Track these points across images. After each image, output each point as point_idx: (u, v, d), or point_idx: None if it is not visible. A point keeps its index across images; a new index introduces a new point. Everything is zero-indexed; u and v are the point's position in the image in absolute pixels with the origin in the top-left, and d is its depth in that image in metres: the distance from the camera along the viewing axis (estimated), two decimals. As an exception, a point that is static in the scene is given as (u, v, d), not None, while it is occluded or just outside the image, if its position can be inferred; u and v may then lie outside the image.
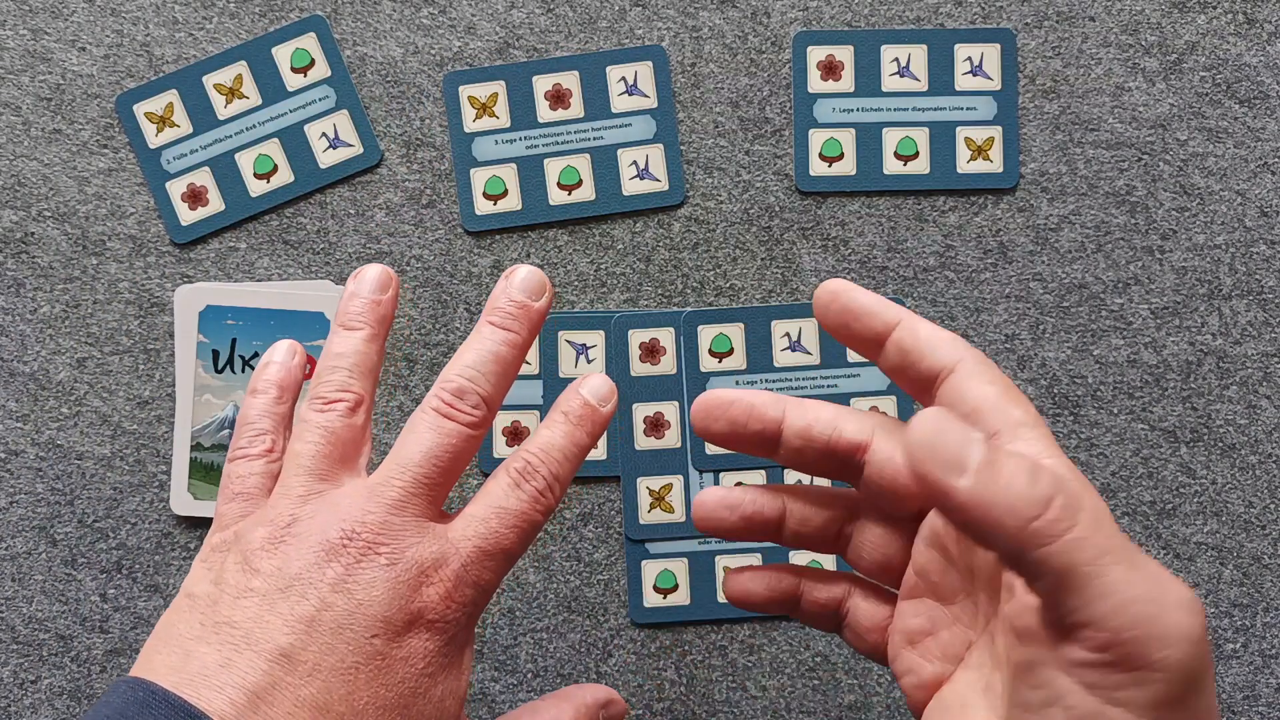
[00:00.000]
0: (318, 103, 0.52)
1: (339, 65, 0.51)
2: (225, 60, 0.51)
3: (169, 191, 0.51)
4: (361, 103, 0.52)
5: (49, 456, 0.51)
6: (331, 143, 0.52)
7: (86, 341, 0.51)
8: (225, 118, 0.52)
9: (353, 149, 0.52)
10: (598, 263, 0.52)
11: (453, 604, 0.34)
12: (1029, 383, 0.51)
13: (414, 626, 0.33)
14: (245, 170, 0.51)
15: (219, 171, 0.51)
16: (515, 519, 0.35)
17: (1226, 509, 0.51)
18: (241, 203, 0.51)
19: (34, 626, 0.51)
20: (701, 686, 0.51)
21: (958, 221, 0.52)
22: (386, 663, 0.33)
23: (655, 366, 0.51)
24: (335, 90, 0.52)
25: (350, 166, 0.51)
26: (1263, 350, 0.51)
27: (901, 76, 0.52)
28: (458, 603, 0.34)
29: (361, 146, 0.52)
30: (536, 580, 0.51)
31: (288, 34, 0.51)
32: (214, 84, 0.51)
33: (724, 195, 0.52)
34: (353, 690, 0.32)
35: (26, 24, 0.51)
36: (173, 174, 0.51)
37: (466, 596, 0.34)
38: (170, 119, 0.51)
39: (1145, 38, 0.52)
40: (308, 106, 0.52)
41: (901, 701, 0.51)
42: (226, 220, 0.51)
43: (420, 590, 0.33)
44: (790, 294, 0.52)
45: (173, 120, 0.51)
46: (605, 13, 0.52)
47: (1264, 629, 0.51)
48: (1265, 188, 0.51)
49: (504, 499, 0.35)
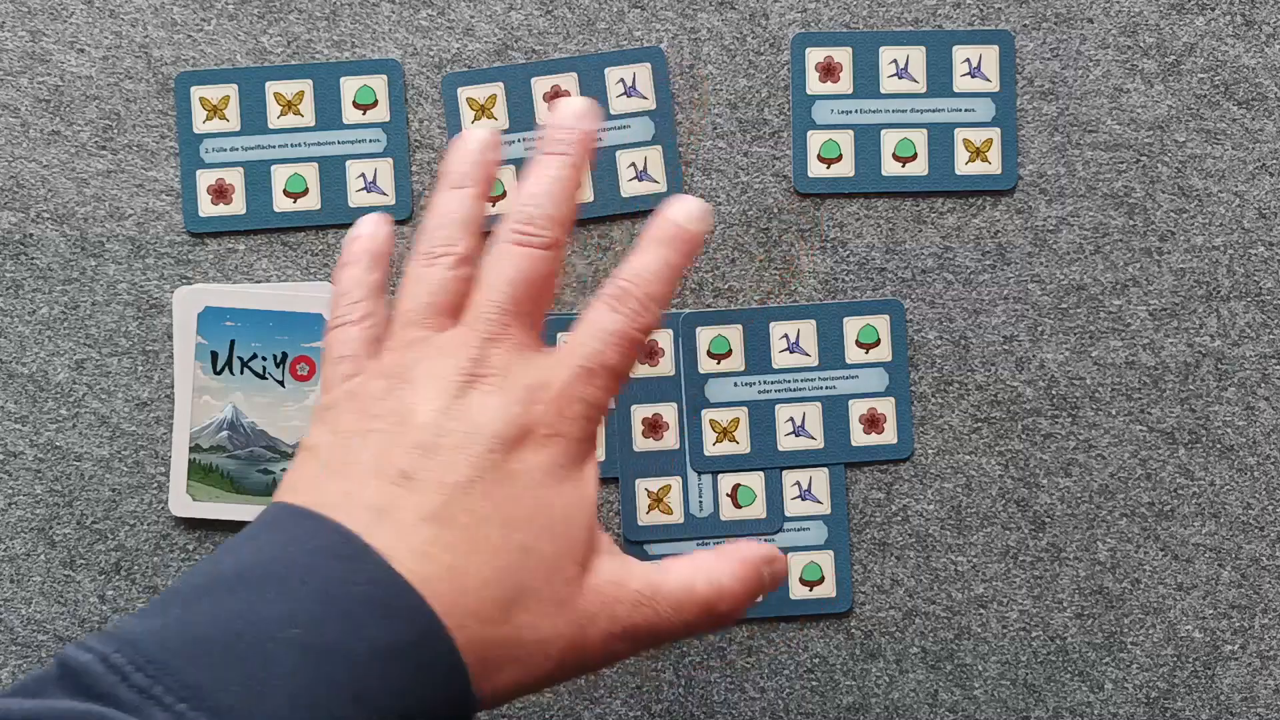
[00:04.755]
0: (367, 143, 0.51)
1: (400, 113, 0.51)
2: (291, 73, 0.51)
3: (197, 179, 0.51)
4: (408, 161, 0.51)
5: (47, 458, 0.51)
6: (367, 185, 0.51)
7: (85, 343, 0.51)
8: (275, 128, 0.51)
9: (385, 198, 0.51)
10: (596, 264, 0.52)
11: (563, 418, 0.35)
12: (1027, 384, 0.51)
13: (527, 441, 0.34)
14: (277, 184, 0.51)
15: (251, 176, 0.51)
16: (614, 337, 0.36)
17: (1225, 511, 0.51)
18: (263, 213, 0.51)
19: (33, 628, 0.51)
20: (700, 688, 0.51)
21: (956, 223, 0.52)
22: (503, 475, 0.34)
23: (653, 368, 0.51)
24: (388, 136, 0.51)
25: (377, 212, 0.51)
26: (1261, 352, 0.51)
27: (900, 78, 0.52)
28: (568, 417, 0.35)
29: (395, 198, 0.51)
30: (535, 582, 0.51)
31: (361, 69, 0.51)
32: (275, 91, 0.51)
33: (722, 197, 0.52)
34: (473, 502, 0.33)
35: (25, 25, 0.51)
36: (207, 164, 0.51)
37: (576, 410, 0.35)
38: (222, 111, 0.51)
39: (1143, 39, 0.52)
40: (356, 144, 0.51)
41: (901, 703, 0.51)
42: (242, 225, 0.51)
43: (529, 408, 0.35)
44: (789, 296, 0.52)
45: (224, 113, 0.51)
46: (604, 14, 0.52)
47: (1262, 630, 0.51)
48: (1263, 189, 0.51)
49: (601, 320, 0.36)
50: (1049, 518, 0.51)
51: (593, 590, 0.34)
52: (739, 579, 0.37)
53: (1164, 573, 0.51)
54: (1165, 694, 0.51)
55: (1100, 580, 0.51)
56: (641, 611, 0.35)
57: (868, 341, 0.51)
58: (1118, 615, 0.51)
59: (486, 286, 0.36)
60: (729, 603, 0.36)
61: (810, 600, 0.51)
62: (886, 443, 0.51)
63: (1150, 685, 0.51)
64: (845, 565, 0.51)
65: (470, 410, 0.34)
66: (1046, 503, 0.51)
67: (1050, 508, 0.51)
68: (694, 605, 0.36)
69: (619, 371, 0.36)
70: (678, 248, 0.38)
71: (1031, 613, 0.51)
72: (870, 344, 0.51)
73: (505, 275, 0.36)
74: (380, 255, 0.40)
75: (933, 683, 0.51)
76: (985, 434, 0.51)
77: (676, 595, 0.36)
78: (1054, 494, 0.51)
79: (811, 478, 0.51)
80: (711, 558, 0.37)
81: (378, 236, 0.40)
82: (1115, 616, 0.51)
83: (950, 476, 0.51)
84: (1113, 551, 0.51)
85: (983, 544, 0.51)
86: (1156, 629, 0.51)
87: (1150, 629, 0.51)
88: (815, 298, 0.52)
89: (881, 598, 0.51)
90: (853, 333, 0.51)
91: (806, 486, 0.51)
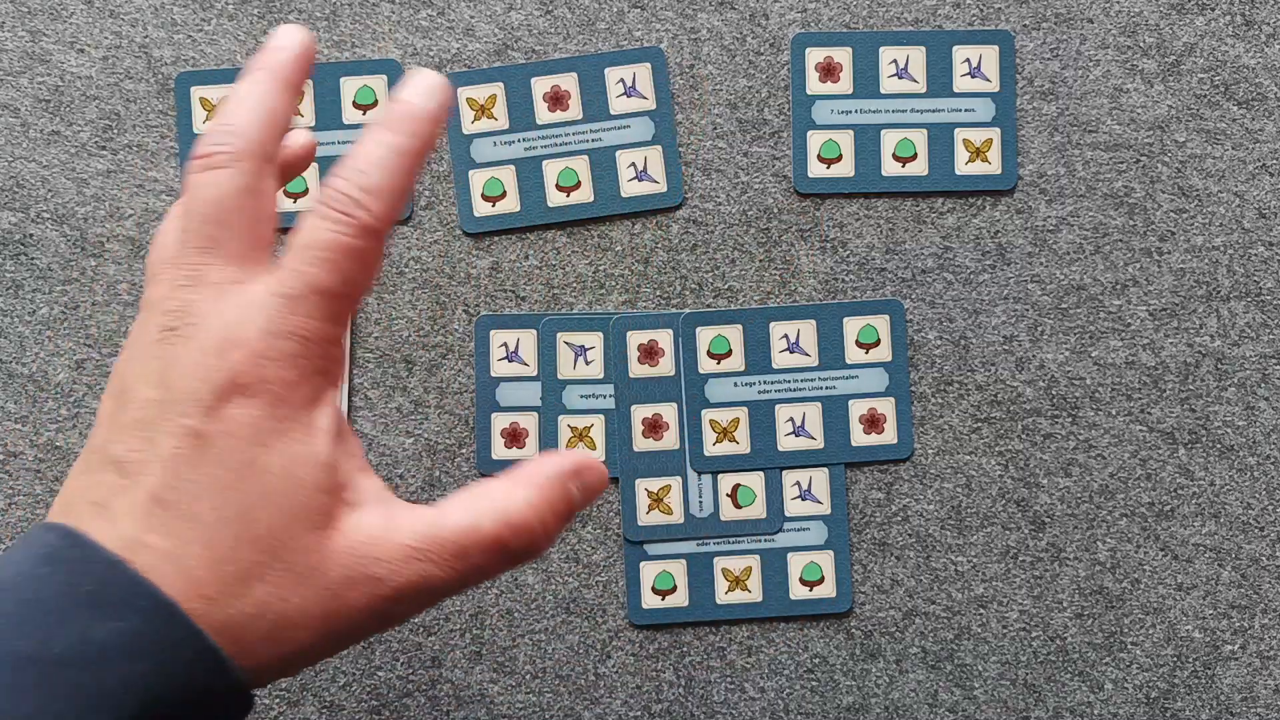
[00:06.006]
0: None
1: None
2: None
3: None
4: None
5: (47, 458, 0.51)
6: None
7: (85, 343, 0.51)
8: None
9: None
10: (596, 264, 0.52)
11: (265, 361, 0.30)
12: (1027, 384, 0.51)
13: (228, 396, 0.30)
14: None
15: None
16: (322, 250, 0.30)
17: (1224, 510, 0.51)
18: None
19: (33, 628, 0.51)
20: (700, 688, 0.51)
21: (956, 223, 0.52)
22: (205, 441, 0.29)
23: (654, 368, 0.51)
24: None
25: None
26: (1261, 352, 0.51)
27: (900, 78, 0.52)
28: (272, 359, 0.30)
29: None
30: (535, 582, 0.51)
31: (361, 69, 0.51)
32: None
33: (722, 197, 0.52)
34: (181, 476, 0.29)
35: (25, 25, 0.51)
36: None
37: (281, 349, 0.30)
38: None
39: (1143, 39, 0.52)
40: None
41: (901, 703, 0.51)
42: None
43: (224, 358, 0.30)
44: (788, 296, 0.52)
45: None
46: (604, 14, 0.52)
47: (1262, 630, 0.51)
48: (1263, 189, 0.51)
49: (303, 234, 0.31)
50: (1049, 518, 0.51)
51: (343, 552, 0.30)
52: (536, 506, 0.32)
53: (1164, 573, 0.51)
54: (1165, 694, 0.51)
55: (1100, 580, 0.51)
56: (415, 567, 0.30)
57: (868, 341, 0.51)
58: (1118, 615, 0.51)
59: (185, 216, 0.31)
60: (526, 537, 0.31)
61: (810, 600, 0.51)
62: (886, 443, 0.51)
63: (1150, 685, 0.51)
64: (845, 565, 0.51)
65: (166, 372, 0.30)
66: (1046, 503, 0.51)
67: (1050, 508, 0.51)
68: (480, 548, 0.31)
69: (336, 291, 0.31)
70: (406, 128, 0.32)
71: (1031, 613, 0.51)
72: (870, 344, 0.51)
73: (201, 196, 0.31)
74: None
75: (933, 683, 0.51)
76: (985, 434, 0.51)
77: (458, 540, 0.31)
78: (1054, 494, 0.51)
79: (811, 478, 0.51)
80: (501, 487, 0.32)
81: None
82: (1115, 616, 0.51)
83: (950, 476, 0.51)
84: (1113, 551, 0.51)
85: (983, 544, 0.51)
86: (1156, 629, 0.51)
87: (1150, 629, 0.51)
88: (815, 298, 0.52)
89: (881, 598, 0.51)
90: (853, 333, 0.51)
91: (806, 486, 0.51)
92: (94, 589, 0.28)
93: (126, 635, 0.27)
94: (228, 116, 0.32)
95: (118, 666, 0.27)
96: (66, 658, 0.27)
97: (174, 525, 0.29)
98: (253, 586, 0.29)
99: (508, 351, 0.51)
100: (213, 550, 0.29)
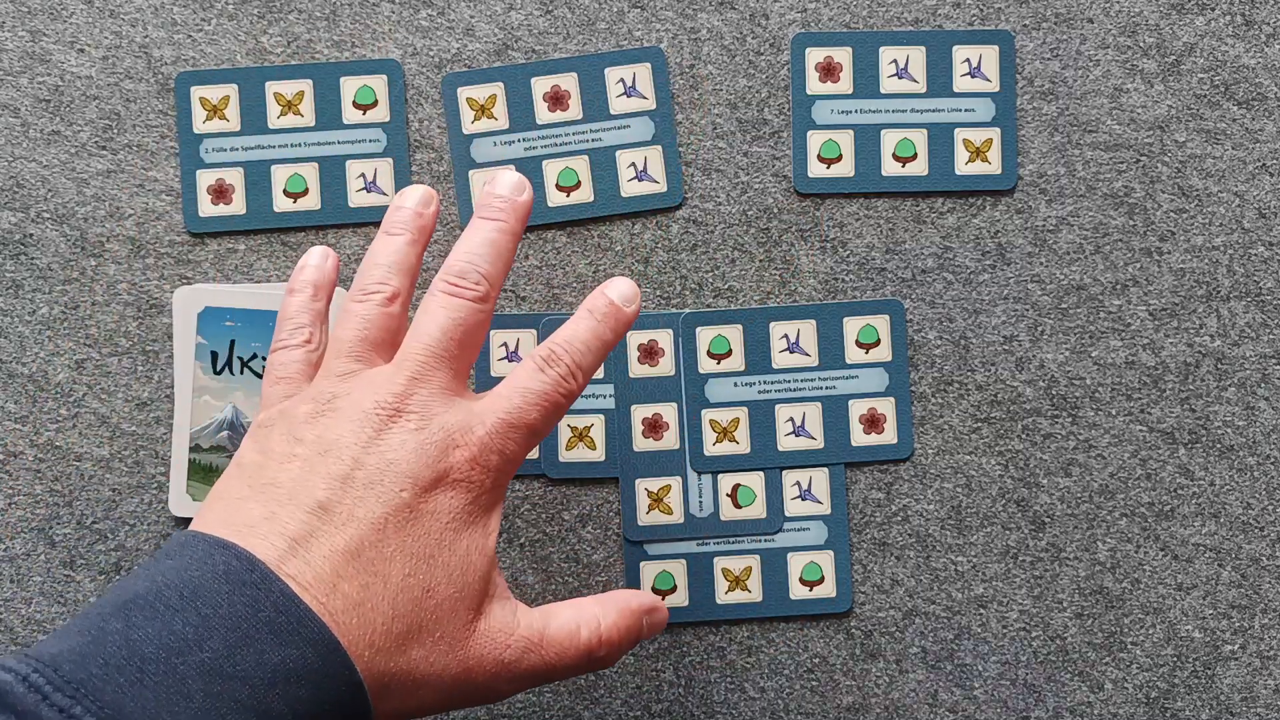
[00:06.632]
0: (367, 143, 0.51)
1: (400, 113, 0.51)
2: (291, 73, 0.51)
3: (197, 179, 0.51)
4: (408, 160, 0.51)
5: (47, 458, 0.51)
6: (367, 185, 0.51)
7: (85, 343, 0.51)
8: (275, 128, 0.51)
9: (385, 198, 0.51)
10: (596, 264, 0.52)
11: (477, 467, 0.37)
12: (1027, 384, 0.51)
13: (440, 485, 0.36)
14: (277, 184, 0.51)
15: (251, 176, 0.51)
16: (538, 398, 0.38)
17: (1225, 510, 0.51)
18: (263, 213, 0.51)
19: (33, 628, 0.51)
20: (700, 688, 0.51)
21: (956, 223, 0.52)
22: (414, 515, 0.35)
23: (654, 368, 0.51)
24: (388, 136, 0.51)
25: (378, 212, 0.51)
26: (1261, 352, 0.51)
27: (900, 78, 0.52)
28: (482, 466, 0.37)
29: None
30: (535, 582, 0.51)
31: (361, 69, 0.51)
32: (275, 92, 0.51)
33: (722, 197, 0.52)
34: (382, 538, 0.35)
35: (25, 25, 0.51)
36: (206, 164, 0.51)
37: (491, 462, 0.37)
38: (222, 111, 0.51)
39: (1143, 39, 0.52)
40: (356, 144, 0.51)
41: (901, 703, 0.51)
42: (242, 225, 0.51)
43: (447, 453, 0.36)
44: (789, 296, 0.52)
45: (224, 113, 0.51)
46: (604, 14, 0.52)
47: (1262, 630, 0.51)
48: (1263, 189, 0.51)
49: (528, 380, 0.38)
50: (1049, 518, 0.51)
51: (483, 634, 0.37)
52: (619, 629, 0.40)
53: (1164, 573, 0.51)
54: (1165, 694, 0.51)
55: (1100, 580, 0.51)
56: (528, 657, 0.37)
57: (868, 341, 0.51)
58: (1118, 615, 0.51)
59: (416, 330, 0.38)
60: (608, 649, 0.39)
61: (810, 600, 0.51)
62: (886, 443, 0.51)
63: (1150, 685, 0.51)
64: (845, 565, 0.51)
65: (389, 447, 0.36)
66: (1046, 503, 0.51)
67: (1050, 508, 0.51)
68: (576, 651, 0.38)
69: (537, 430, 0.38)
70: (610, 324, 0.40)
71: (1031, 613, 0.51)
72: (870, 344, 0.51)
73: (435, 320, 0.38)
74: (324, 285, 0.42)
75: (933, 683, 0.51)
76: (985, 434, 0.51)
77: (560, 641, 0.38)
78: (1054, 494, 0.51)
79: (811, 478, 0.51)
80: (595, 606, 0.40)
81: (324, 268, 0.43)
82: (1115, 616, 0.51)
83: (950, 476, 0.51)
84: (1113, 551, 0.51)
85: (983, 544, 0.51)
86: (1156, 629, 0.51)
87: (1150, 629, 0.51)
88: (815, 298, 0.52)
89: (881, 598, 0.51)
90: (853, 333, 0.51)
91: (806, 486, 0.51)
92: (272, 616, 0.32)
93: (297, 663, 0.32)
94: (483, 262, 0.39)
95: (284, 690, 0.31)
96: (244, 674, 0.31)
97: (366, 579, 0.34)
98: (412, 647, 0.35)
99: (508, 351, 0.51)
100: (394, 609, 0.34)
